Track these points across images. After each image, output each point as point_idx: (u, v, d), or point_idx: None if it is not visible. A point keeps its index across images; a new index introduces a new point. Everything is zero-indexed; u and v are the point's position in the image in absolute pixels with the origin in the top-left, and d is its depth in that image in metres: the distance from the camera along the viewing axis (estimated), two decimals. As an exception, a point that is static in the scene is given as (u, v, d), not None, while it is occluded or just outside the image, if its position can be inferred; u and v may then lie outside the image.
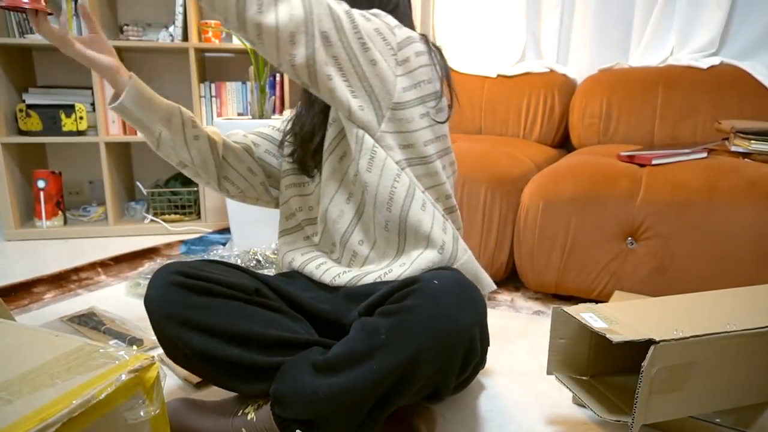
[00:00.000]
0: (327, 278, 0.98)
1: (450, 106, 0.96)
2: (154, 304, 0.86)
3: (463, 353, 0.77)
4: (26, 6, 0.86)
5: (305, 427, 0.81)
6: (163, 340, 0.87)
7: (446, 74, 0.95)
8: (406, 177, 0.90)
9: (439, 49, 0.95)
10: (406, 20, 1.00)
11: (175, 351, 0.87)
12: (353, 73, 0.84)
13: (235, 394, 0.96)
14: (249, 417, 0.86)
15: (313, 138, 1.01)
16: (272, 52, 0.81)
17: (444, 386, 0.80)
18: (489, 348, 1.29)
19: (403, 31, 0.89)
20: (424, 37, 0.93)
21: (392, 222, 0.91)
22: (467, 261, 0.94)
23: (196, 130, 1.01)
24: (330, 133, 0.96)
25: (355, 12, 0.85)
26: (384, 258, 0.95)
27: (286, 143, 1.09)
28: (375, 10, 0.89)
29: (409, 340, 0.74)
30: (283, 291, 0.95)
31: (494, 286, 1.01)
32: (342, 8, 0.83)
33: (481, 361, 0.87)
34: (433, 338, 0.74)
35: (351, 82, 0.85)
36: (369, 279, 0.93)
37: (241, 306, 0.87)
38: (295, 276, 1.04)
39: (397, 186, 0.89)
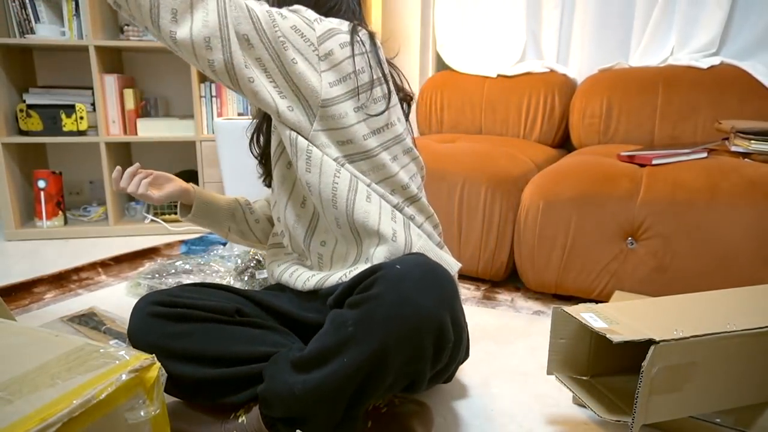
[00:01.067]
0: (299, 284, 0.98)
1: (389, 95, 0.93)
2: (135, 336, 0.87)
3: (433, 339, 0.74)
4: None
5: (288, 425, 0.82)
6: None
7: (378, 61, 0.91)
8: (346, 171, 0.89)
9: (372, 35, 0.92)
10: (348, 15, 0.96)
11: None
12: (278, 73, 0.83)
13: None
14: (240, 420, 0.87)
15: (269, 145, 1.00)
16: (190, 58, 0.81)
17: (419, 376, 0.78)
18: (490, 349, 1.29)
19: (324, 24, 0.86)
20: (354, 27, 0.89)
21: (341, 218, 0.90)
22: (424, 246, 0.92)
23: (254, 215, 1.19)
24: (274, 140, 0.95)
25: (274, 10, 0.84)
26: (348, 256, 0.95)
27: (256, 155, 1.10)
28: (295, 6, 0.88)
29: (374, 329, 0.73)
30: (269, 305, 0.95)
31: (458, 265, 0.99)
32: (262, 8, 0.83)
33: (458, 348, 0.83)
34: (397, 326, 0.72)
35: (277, 83, 0.84)
36: (334, 279, 0.93)
37: (222, 328, 0.86)
38: (283, 288, 1.04)
39: (338, 182, 0.88)
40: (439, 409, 1.04)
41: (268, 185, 1.12)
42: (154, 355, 0.63)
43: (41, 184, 2.22)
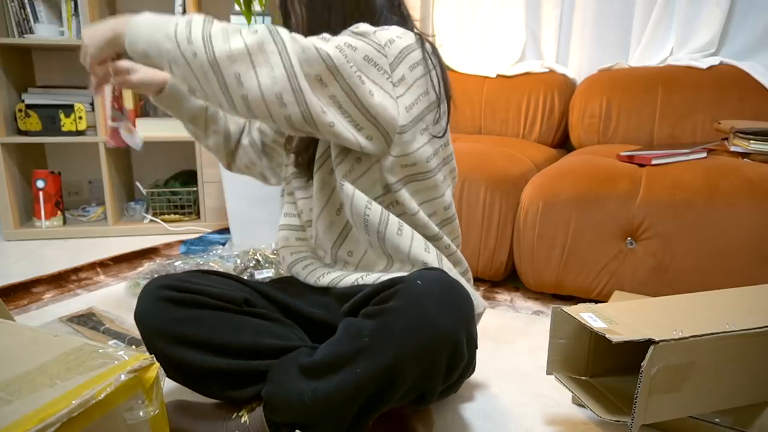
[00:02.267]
0: (311, 279, 0.98)
1: (448, 112, 0.93)
2: (143, 319, 0.86)
3: (447, 357, 0.75)
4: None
5: (292, 429, 0.81)
6: (154, 353, 0.87)
7: (444, 77, 0.91)
8: (377, 206, 0.89)
9: (434, 47, 0.91)
10: (394, 14, 0.93)
11: (166, 365, 0.87)
12: (354, 108, 0.81)
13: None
14: (243, 420, 0.86)
15: (307, 150, 0.99)
16: (267, 119, 0.78)
17: (430, 391, 0.79)
18: (490, 349, 1.29)
19: (394, 46, 0.82)
20: (420, 39, 0.87)
21: (373, 242, 0.91)
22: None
23: (216, 125, 1.10)
24: (320, 149, 0.94)
25: (343, 44, 0.79)
26: (375, 266, 0.95)
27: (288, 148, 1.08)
28: (361, 27, 0.83)
29: (391, 343, 0.72)
30: (275, 298, 0.95)
31: (485, 306, 1.00)
32: (331, 45, 0.79)
33: (470, 366, 0.84)
34: (414, 342, 0.72)
35: (354, 117, 0.81)
36: (350, 280, 0.92)
37: (230, 316, 0.86)
38: (290, 281, 1.04)
39: (369, 213, 0.88)
40: (439, 409, 1.04)
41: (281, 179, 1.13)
42: (153, 356, 0.63)
43: (40, 184, 2.21)
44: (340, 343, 0.77)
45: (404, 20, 0.94)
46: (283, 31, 0.77)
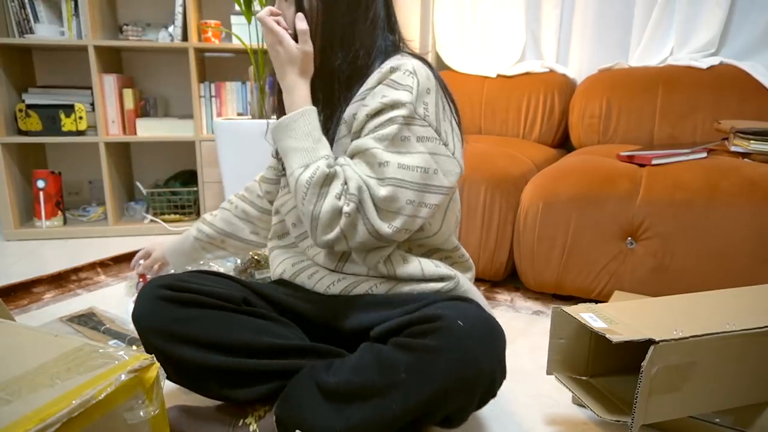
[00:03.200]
0: (320, 288, 0.95)
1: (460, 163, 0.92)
2: (141, 319, 0.86)
3: (482, 393, 0.78)
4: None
5: None
6: (152, 353, 0.86)
7: (456, 112, 0.91)
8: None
9: (431, 65, 0.90)
10: (390, 33, 0.94)
11: (164, 363, 0.86)
12: (436, 206, 0.86)
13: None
14: (252, 429, 0.86)
15: None
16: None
17: (457, 420, 0.81)
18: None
19: (430, 108, 0.84)
20: (428, 65, 0.88)
21: (380, 265, 0.90)
22: (470, 288, 0.93)
23: (222, 251, 1.24)
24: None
25: (415, 166, 0.81)
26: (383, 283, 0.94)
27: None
28: (396, 95, 0.82)
29: (431, 382, 0.73)
30: (271, 297, 0.94)
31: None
32: (385, 189, 0.80)
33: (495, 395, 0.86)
34: (455, 382, 0.73)
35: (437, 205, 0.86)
36: (362, 288, 0.91)
37: (229, 315, 0.86)
38: (284, 282, 1.01)
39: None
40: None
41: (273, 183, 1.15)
42: (153, 355, 0.63)
43: (40, 184, 2.21)
44: (370, 371, 0.77)
45: (399, 41, 0.95)
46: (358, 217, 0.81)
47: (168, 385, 1.10)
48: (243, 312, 0.87)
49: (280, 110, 0.96)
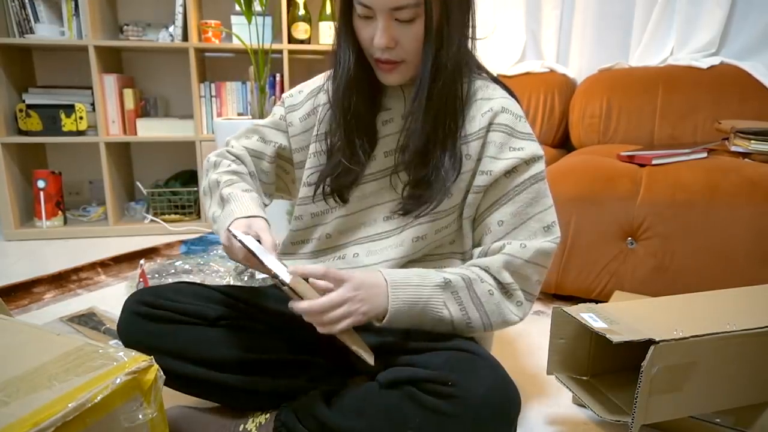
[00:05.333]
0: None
1: None
2: (121, 331, 0.89)
3: None
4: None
5: None
6: None
7: None
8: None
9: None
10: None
11: None
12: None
13: None
14: None
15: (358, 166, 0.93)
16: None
17: None
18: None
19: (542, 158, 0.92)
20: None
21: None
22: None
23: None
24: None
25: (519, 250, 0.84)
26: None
27: (311, 171, 0.98)
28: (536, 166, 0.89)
29: None
30: (262, 306, 0.94)
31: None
32: (509, 273, 0.84)
33: None
34: None
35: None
36: None
37: (203, 331, 0.87)
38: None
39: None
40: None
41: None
42: (152, 357, 0.63)
43: (41, 184, 2.22)
44: (376, 419, 0.76)
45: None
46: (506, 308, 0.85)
47: (166, 387, 1.10)
48: (218, 326, 0.88)
49: None
